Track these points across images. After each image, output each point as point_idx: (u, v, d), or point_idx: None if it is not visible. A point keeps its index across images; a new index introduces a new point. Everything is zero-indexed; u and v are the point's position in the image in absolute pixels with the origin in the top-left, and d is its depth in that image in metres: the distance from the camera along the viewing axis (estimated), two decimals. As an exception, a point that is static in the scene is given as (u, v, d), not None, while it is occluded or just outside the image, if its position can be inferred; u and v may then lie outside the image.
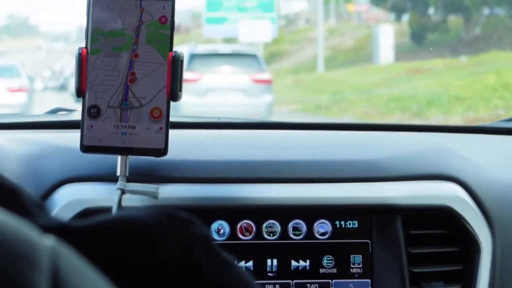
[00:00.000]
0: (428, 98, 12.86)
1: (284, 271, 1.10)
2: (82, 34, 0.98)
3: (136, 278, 0.46)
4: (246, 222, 1.10)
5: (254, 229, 1.10)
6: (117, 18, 0.95)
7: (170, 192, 1.06)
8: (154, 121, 0.96)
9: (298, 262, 1.11)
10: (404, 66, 17.83)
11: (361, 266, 1.12)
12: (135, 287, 0.45)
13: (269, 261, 1.10)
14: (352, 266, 1.12)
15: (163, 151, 0.97)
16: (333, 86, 16.64)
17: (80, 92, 0.96)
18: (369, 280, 1.12)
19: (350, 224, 1.12)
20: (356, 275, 1.11)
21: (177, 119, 1.34)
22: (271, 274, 1.10)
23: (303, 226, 1.11)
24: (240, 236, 1.10)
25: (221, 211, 1.09)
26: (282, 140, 1.27)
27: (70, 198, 1.04)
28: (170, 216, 0.48)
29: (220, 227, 1.10)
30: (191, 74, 10.81)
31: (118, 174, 0.99)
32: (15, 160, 1.09)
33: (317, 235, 1.11)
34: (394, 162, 1.16)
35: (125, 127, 0.96)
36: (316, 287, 1.11)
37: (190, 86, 10.41)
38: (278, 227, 1.11)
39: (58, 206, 1.03)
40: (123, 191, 0.99)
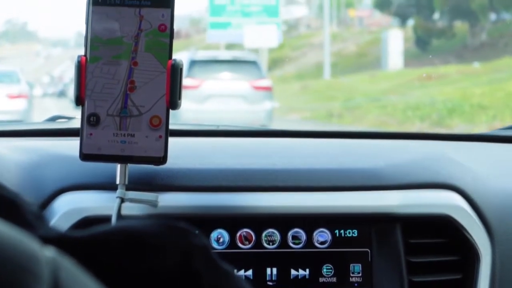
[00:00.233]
0: (448, 107, 12.42)
1: (283, 280, 1.10)
2: (81, 40, 0.98)
3: None
4: (245, 231, 1.10)
5: (254, 237, 1.10)
6: (116, 26, 0.95)
7: (170, 200, 1.06)
8: (154, 129, 0.96)
9: (297, 271, 1.11)
10: (414, 73, 17.56)
11: (360, 275, 1.11)
12: None
13: (268, 270, 1.10)
14: (351, 275, 1.11)
15: (163, 160, 0.97)
16: (342, 93, 16.41)
17: (79, 100, 0.95)
18: None
19: (349, 233, 1.12)
20: (355, 284, 1.11)
21: (176, 127, 1.34)
22: (271, 283, 1.10)
23: (303, 235, 1.11)
24: (239, 244, 1.10)
25: (220, 220, 1.09)
26: (281, 148, 1.27)
27: (69, 207, 1.04)
28: (170, 226, 0.48)
29: (219, 236, 1.10)
30: (191, 81, 10.80)
31: (117, 182, 0.99)
32: (14, 168, 1.09)
33: (316, 244, 1.11)
34: (394, 171, 1.16)
35: (124, 135, 0.96)
36: None
37: (190, 92, 10.40)
38: (277, 236, 1.11)
39: (58, 215, 1.03)
40: (123, 200, 0.99)
